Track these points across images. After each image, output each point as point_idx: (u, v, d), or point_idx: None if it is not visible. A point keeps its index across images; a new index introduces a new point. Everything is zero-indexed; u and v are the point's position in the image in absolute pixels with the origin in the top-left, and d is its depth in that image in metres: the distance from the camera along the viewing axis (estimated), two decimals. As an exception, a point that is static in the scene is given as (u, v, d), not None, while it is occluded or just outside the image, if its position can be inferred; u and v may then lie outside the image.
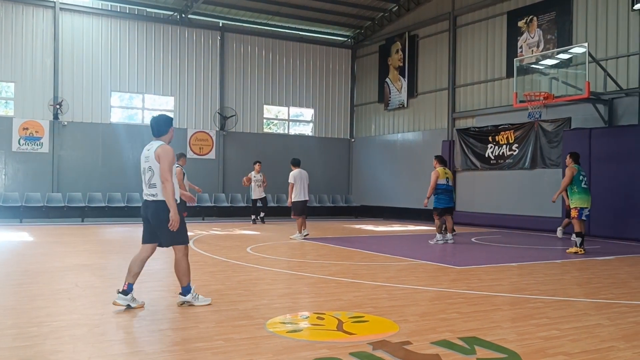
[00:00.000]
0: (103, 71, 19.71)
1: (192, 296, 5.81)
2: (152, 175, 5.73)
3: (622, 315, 5.61)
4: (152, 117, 6.08)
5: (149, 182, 5.76)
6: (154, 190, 5.72)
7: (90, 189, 19.06)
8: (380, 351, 4.23)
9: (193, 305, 5.78)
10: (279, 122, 23.47)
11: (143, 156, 5.89)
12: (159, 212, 5.69)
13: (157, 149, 5.76)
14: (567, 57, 15.08)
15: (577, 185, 11.02)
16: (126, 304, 5.58)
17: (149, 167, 5.76)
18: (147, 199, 5.79)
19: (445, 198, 12.59)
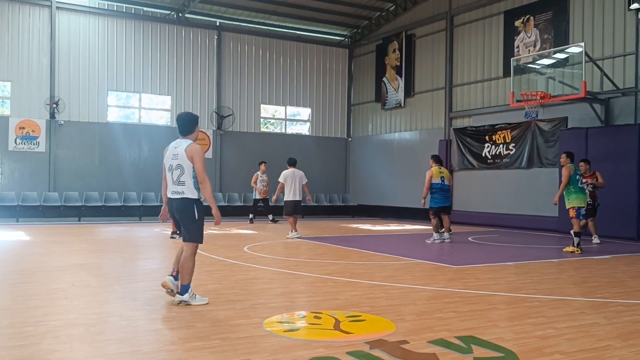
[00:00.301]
0: (100, 70, 19.68)
1: (189, 295, 5.83)
2: (182, 173, 5.81)
3: (619, 314, 5.62)
4: (179, 116, 6.18)
5: (177, 179, 5.84)
6: (182, 188, 5.84)
7: (87, 188, 19.03)
8: (377, 350, 4.23)
9: (190, 305, 5.79)
10: (276, 122, 23.47)
11: (170, 153, 5.95)
12: (183, 209, 5.86)
13: (188, 147, 5.86)
14: (563, 56, 15.11)
15: (574, 184, 11.05)
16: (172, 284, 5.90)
17: (177, 164, 5.84)
18: (174, 196, 5.90)
19: (439, 197, 12.60)
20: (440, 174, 12.69)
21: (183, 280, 5.85)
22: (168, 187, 5.97)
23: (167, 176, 5.95)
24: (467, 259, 10.20)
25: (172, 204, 5.96)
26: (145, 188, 19.89)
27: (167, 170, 5.95)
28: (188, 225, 5.92)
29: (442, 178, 12.64)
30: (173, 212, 6.00)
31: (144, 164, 20.21)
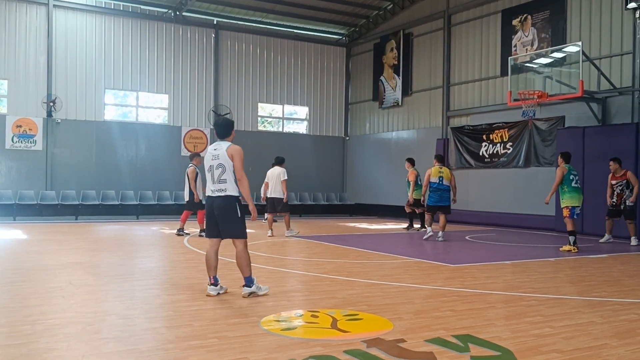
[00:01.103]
0: (97, 68, 19.64)
1: (255, 287, 6.17)
2: (223, 172, 6.14)
3: (615, 313, 5.64)
4: (216, 121, 6.61)
5: (219, 178, 6.16)
6: (224, 186, 6.15)
7: (84, 186, 19.00)
8: (374, 349, 4.24)
9: (258, 295, 6.11)
10: (273, 120, 23.45)
11: (210, 155, 6.28)
12: (226, 206, 6.14)
13: (229, 148, 6.21)
14: (561, 55, 15.12)
15: (567, 184, 11.08)
16: (216, 293, 6.20)
17: (218, 164, 6.17)
18: (214, 194, 6.20)
19: (434, 196, 12.72)
20: (439, 173, 12.72)
21: (244, 273, 6.16)
22: (208, 186, 6.28)
23: (207, 176, 6.28)
24: (464, 257, 10.22)
25: (213, 202, 6.21)
26: (142, 187, 19.87)
27: (207, 171, 6.27)
28: (231, 221, 6.18)
29: (440, 178, 12.66)
30: (213, 210, 6.21)
31: (141, 163, 20.19)
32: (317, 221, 19.08)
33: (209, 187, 6.28)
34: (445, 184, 12.72)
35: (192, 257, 9.51)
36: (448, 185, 12.78)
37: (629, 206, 12.20)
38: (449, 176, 12.86)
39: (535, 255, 10.52)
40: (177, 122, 20.89)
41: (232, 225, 6.18)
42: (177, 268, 8.49)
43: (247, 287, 6.17)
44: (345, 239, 13.24)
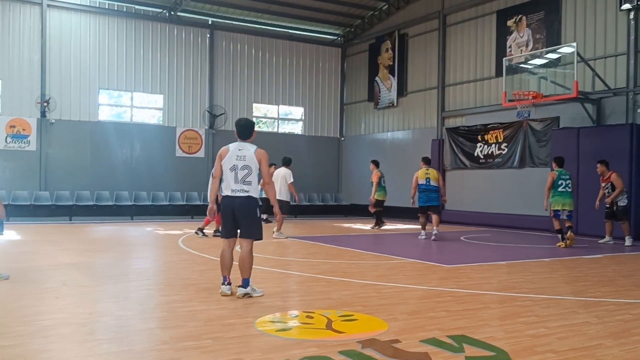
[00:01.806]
0: (91, 69, 19.57)
1: (251, 288, 6.22)
2: (249, 173, 6.21)
3: (610, 314, 5.65)
4: (238, 121, 6.54)
5: (243, 179, 6.20)
6: (248, 187, 6.22)
7: (78, 187, 18.93)
8: (369, 349, 4.23)
9: (252, 297, 6.14)
10: (268, 121, 23.43)
11: (234, 154, 6.28)
12: (249, 207, 6.22)
13: (257, 151, 6.29)
14: (555, 56, 15.17)
15: (555, 189, 11.83)
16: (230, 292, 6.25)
17: (244, 165, 6.21)
18: (237, 194, 6.22)
19: (423, 197, 13.15)
20: (426, 175, 13.14)
21: (244, 274, 6.21)
22: (229, 185, 6.25)
23: (229, 175, 6.25)
24: (459, 258, 10.23)
25: (234, 201, 6.22)
26: (137, 187, 19.82)
27: (230, 170, 6.25)
28: (251, 222, 6.24)
29: (427, 179, 13.10)
30: (234, 209, 6.23)
31: (136, 163, 20.14)
32: (312, 222, 19.07)
33: (229, 186, 6.25)
34: (433, 184, 13.12)
35: (186, 258, 9.48)
36: (436, 186, 13.16)
37: (620, 207, 12.22)
38: (436, 177, 13.24)
39: (530, 255, 10.54)
40: (171, 122, 20.85)
41: (253, 226, 6.27)
42: (172, 269, 8.46)
43: (242, 287, 6.19)
44: (340, 239, 13.23)
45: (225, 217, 6.35)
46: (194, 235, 13.20)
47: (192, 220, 18.78)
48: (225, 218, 6.36)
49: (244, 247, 6.29)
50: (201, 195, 20.67)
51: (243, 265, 6.23)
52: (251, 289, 6.24)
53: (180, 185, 20.60)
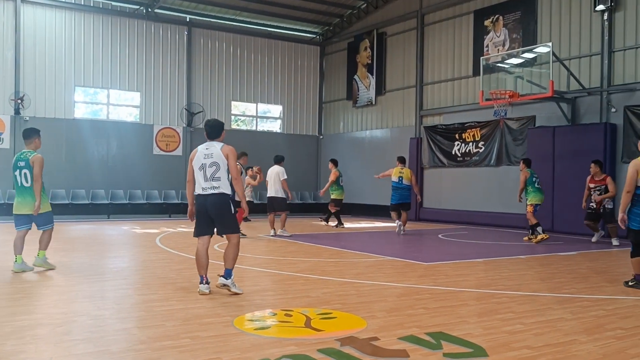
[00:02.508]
0: (66, 65, 19.30)
1: (231, 281, 6.27)
2: (217, 170, 6.29)
3: (584, 310, 5.74)
4: (207, 122, 6.60)
5: (212, 176, 6.29)
6: (218, 183, 6.29)
7: (53, 185, 18.63)
8: (348, 347, 4.24)
9: (229, 291, 6.23)
10: (247, 119, 23.34)
11: (201, 154, 6.36)
12: (222, 204, 6.29)
13: (224, 147, 6.38)
14: (531, 56, 15.34)
15: (532, 185, 12.41)
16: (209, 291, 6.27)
17: (212, 162, 6.29)
18: (208, 192, 6.30)
19: (394, 195, 13.82)
20: (399, 173, 13.78)
21: (228, 265, 6.31)
22: (199, 184, 6.34)
23: (198, 175, 6.34)
24: (437, 255, 10.30)
25: (207, 199, 6.30)
26: (113, 186, 19.60)
27: (199, 170, 6.34)
28: (226, 218, 6.33)
29: (400, 178, 13.74)
30: (207, 208, 6.30)
31: (113, 161, 19.92)
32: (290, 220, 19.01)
33: (200, 185, 6.33)
34: (405, 183, 13.70)
35: (164, 257, 9.41)
36: (408, 185, 13.73)
37: (608, 209, 11.97)
38: (409, 177, 13.80)
39: (506, 252, 10.66)
40: (149, 120, 20.66)
41: (228, 221, 6.36)
42: (149, 268, 8.39)
43: (224, 278, 6.26)
44: (319, 237, 13.25)
45: (199, 215, 6.41)
46: (171, 233, 13.08)
47: (169, 218, 18.65)
48: (199, 217, 6.41)
49: (231, 240, 6.41)
50: (179, 194, 20.54)
51: (227, 256, 6.35)
52: (231, 282, 6.27)
53: (158, 183, 20.44)
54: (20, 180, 7.81)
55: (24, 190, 7.81)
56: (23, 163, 7.84)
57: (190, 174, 6.46)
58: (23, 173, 7.81)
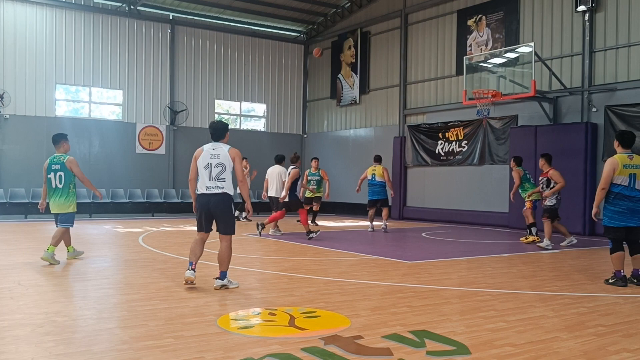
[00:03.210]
0: (47, 63, 19.07)
1: (227, 280, 6.52)
2: (223, 171, 6.47)
3: (566, 307, 5.79)
4: (212, 123, 6.80)
5: (217, 176, 6.46)
6: (222, 184, 6.47)
7: (34, 184, 18.41)
8: (332, 346, 4.24)
9: (228, 288, 6.44)
10: (230, 117, 23.25)
11: (207, 154, 6.54)
12: (224, 203, 6.48)
13: (231, 150, 6.55)
14: (514, 56, 15.45)
15: (528, 182, 12.07)
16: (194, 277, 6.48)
17: (218, 163, 6.47)
18: (212, 191, 6.46)
19: (369, 191, 14.42)
20: (372, 171, 14.28)
21: (222, 267, 6.51)
22: (203, 183, 6.50)
23: (203, 173, 6.50)
24: (421, 254, 10.35)
25: (210, 198, 6.48)
26: (95, 184, 19.18)
27: (204, 168, 6.50)
28: (227, 218, 6.53)
29: (373, 175, 14.27)
30: (209, 207, 6.49)
31: (95, 160, 19.72)
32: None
33: (204, 184, 6.49)
34: (378, 180, 14.14)
35: (147, 256, 9.34)
36: (380, 181, 14.14)
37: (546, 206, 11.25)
38: (381, 173, 14.16)
39: (489, 251, 10.73)
40: (131, 118, 20.49)
41: (229, 222, 6.56)
42: (132, 267, 8.32)
43: (220, 280, 6.48)
44: (303, 236, 13.23)
45: (200, 213, 6.58)
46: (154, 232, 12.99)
47: (152, 217, 18.52)
48: (200, 214, 6.58)
49: (223, 243, 6.57)
50: (162, 193, 20.40)
51: (222, 259, 6.52)
52: (228, 281, 6.52)
53: (141, 182, 20.29)
54: (55, 182, 8.52)
55: (57, 191, 8.54)
56: (58, 166, 8.54)
57: (193, 172, 6.64)
58: (58, 175, 8.51)
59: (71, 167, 8.53)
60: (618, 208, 7.03)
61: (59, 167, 8.50)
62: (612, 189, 7.05)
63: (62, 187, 8.49)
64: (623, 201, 7.02)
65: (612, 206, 7.07)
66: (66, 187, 8.51)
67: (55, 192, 8.51)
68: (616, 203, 7.04)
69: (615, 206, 7.04)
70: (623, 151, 7.20)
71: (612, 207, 7.07)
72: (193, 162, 6.61)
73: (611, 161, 7.08)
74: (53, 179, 8.49)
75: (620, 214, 7.02)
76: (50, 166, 8.55)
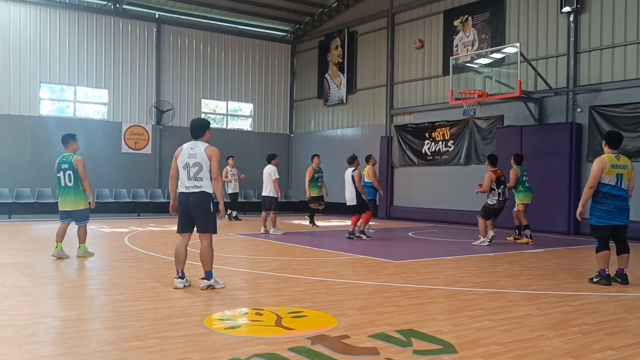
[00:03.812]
0: (32, 61, 18.87)
1: (214, 280, 6.49)
2: (200, 170, 6.46)
3: (551, 306, 5.84)
4: (192, 121, 6.78)
5: (195, 175, 6.46)
6: (200, 183, 6.46)
7: (18, 184, 18.25)
8: (318, 345, 4.24)
9: (215, 288, 6.42)
10: (217, 117, 23.17)
11: (186, 153, 6.53)
12: (201, 202, 6.46)
13: (208, 148, 6.53)
14: (500, 56, 15.55)
15: (522, 184, 11.93)
16: (182, 285, 6.51)
17: (195, 162, 6.46)
18: (190, 191, 6.48)
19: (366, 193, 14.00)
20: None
21: (206, 267, 6.48)
22: (183, 183, 6.52)
23: (182, 173, 6.52)
24: (407, 254, 10.37)
25: (188, 198, 6.48)
26: (81, 184, 19.23)
27: (183, 168, 6.51)
28: (205, 217, 6.49)
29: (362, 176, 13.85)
30: (188, 206, 6.48)
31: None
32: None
33: (183, 183, 6.51)
34: (367, 181, 13.65)
35: (133, 256, 9.28)
36: (367, 182, 13.68)
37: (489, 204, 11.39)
38: (367, 174, 13.78)
39: (475, 250, 10.78)
40: (117, 118, 20.35)
41: (207, 220, 6.52)
42: (117, 267, 8.27)
43: (206, 280, 6.46)
44: (290, 236, 13.22)
45: (181, 213, 6.57)
46: (140, 232, 12.90)
47: (138, 217, 18.40)
48: (181, 214, 6.59)
49: (203, 242, 6.53)
50: (148, 192, 20.28)
51: (204, 259, 6.49)
52: (214, 280, 6.50)
53: (126, 182, 20.15)
54: (64, 181, 8.85)
55: (67, 189, 8.88)
56: (66, 165, 8.86)
57: (173, 170, 6.63)
58: (67, 174, 8.84)
59: (77, 165, 8.82)
60: (606, 207, 7.10)
61: (68, 166, 8.82)
62: (600, 188, 7.11)
63: (72, 185, 8.82)
64: (611, 200, 7.09)
65: (601, 205, 7.13)
66: (76, 184, 8.84)
67: (65, 190, 8.84)
68: (605, 202, 7.11)
69: (604, 205, 7.11)
70: (610, 151, 7.27)
71: (601, 206, 7.13)
72: (173, 161, 6.62)
73: (600, 160, 7.14)
74: (62, 178, 8.82)
75: (608, 212, 7.10)
76: (60, 165, 8.88)
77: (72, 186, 8.84)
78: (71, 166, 8.83)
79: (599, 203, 7.14)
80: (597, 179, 7.09)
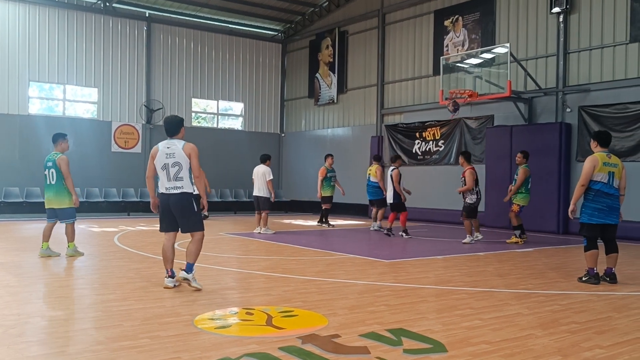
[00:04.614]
0: (20, 60, 18.72)
1: (192, 276, 6.34)
2: (180, 170, 6.34)
3: (540, 305, 5.87)
4: (166, 118, 6.67)
5: (175, 176, 6.36)
6: (180, 183, 6.36)
7: (7, 183, 18.12)
8: (309, 345, 4.24)
9: (189, 283, 6.32)
10: (208, 116, 23.11)
11: (163, 153, 6.40)
12: (183, 203, 6.38)
13: (186, 146, 6.39)
14: (490, 56, 15.60)
15: (525, 186, 11.71)
16: (173, 285, 6.41)
17: (174, 162, 6.35)
18: (171, 191, 6.39)
19: (367, 192, 14.65)
20: (369, 171, 14.54)
21: (190, 259, 6.39)
22: (163, 184, 6.43)
23: (162, 174, 6.42)
24: (398, 253, 10.40)
25: (169, 199, 6.39)
26: (70, 183, 19.10)
27: (161, 169, 6.39)
28: (189, 216, 6.41)
29: (368, 176, 14.50)
30: (170, 206, 6.40)
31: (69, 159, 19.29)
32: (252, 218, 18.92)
33: (163, 184, 6.43)
34: (372, 180, 14.24)
35: (122, 256, 9.24)
36: (374, 182, 14.24)
37: (467, 203, 11.64)
38: (374, 173, 14.26)
39: (465, 250, 10.82)
40: (107, 117, 20.24)
41: (190, 220, 6.44)
42: (107, 267, 8.23)
43: (185, 272, 6.34)
44: (280, 236, 13.22)
45: (163, 213, 6.51)
46: (130, 232, 12.83)
47: (128, 217, 18.31)
48: (163, 214, 6.52)
49: (194, 236, 6.49)
50: (138, 192, 20.20)
51: (189, 251, 6.44)
52: (192, 277, 6.35)
53: (116, 181, 20.05)
54: (49, 179, 8.98)
55: (51, 187, 8.99)
56: (50, 163, 9.01)
57: (150, 170, 6.54)
58: (51, 172, 8.97)
59: (60, 164, 8.93)
60: (598, 205, 7.13)
61: (52, 165, 8.97)
62: (592, 186, 7.15)
63: (54, 183, 8.92)
64: (603, 198, 7.13)
65: (593, 203, 7.16)
66: (59, 182, 8.91)
67: (49, 188, 8.97)
68: (597, 200, 7.14)
69: (596, 203, 7.14)
70: (601, 150, 7.31)
71: (593, 204, 7.16)
72: (150, 161, 6.51)
73: (591, 158, 7.18)
74: (48, 176, 8.96)
75: (599, 211, 7.14)
76: (46, 163, 9.04)
77: (54, 184, 8.93)
78: (54, 164, 8.94)
79: (592, 201, 7.18)
80: (589, 176, 7.12)
